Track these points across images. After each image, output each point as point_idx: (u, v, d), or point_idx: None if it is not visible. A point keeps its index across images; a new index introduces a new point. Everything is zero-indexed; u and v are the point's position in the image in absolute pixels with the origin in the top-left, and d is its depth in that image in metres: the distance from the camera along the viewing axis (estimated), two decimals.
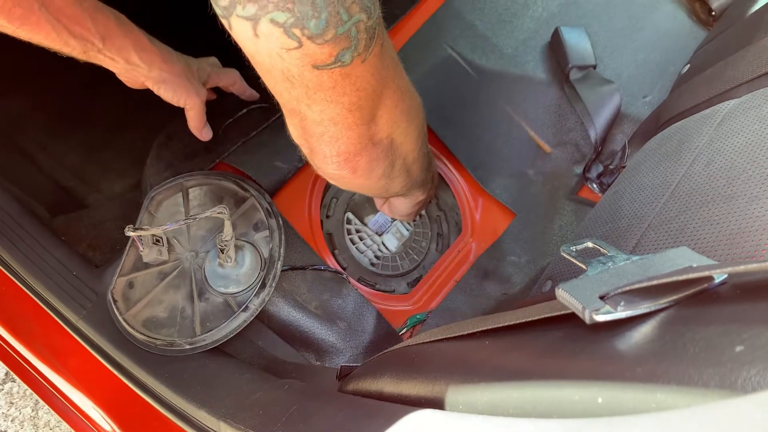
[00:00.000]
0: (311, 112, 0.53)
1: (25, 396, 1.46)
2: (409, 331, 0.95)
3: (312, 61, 0.45)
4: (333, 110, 0.53)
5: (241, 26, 0.43)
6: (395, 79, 0.58)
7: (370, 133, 0.59)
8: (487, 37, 1.13)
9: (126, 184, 1.04)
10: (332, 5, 0.42)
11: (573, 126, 1.08)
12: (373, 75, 0.52)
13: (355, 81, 0.50)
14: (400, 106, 0.61)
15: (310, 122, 0.55)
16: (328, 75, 0.48)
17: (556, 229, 1.01)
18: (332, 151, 0.58)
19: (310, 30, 0.43)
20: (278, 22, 0.42)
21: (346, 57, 0.47)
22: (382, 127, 0.60)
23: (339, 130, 0.56)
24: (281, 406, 0.62)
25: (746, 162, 0.62)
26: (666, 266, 0.40)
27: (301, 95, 0.50)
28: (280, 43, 0.44)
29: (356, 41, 0.46)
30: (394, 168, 0.68)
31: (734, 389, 0.27)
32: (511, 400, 0.38)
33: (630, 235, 0.69)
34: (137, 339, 0.80)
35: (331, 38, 0.44)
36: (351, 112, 0.54)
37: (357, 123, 0.56)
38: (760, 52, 0.78)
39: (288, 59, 0.45)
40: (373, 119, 0.58)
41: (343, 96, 0.51)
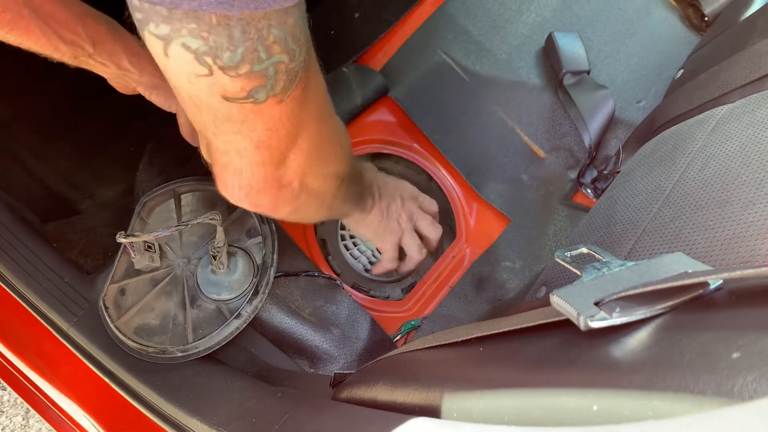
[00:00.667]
0: (217, 141, 0.51)
1: (16, 404, 1.45)
2: (404, 337, 0.95)
3: (222, 91, 0.43)
4: (239, 143, 0.50)
5: (153, 42, 0.41)
6: (317, 124, 0.56)
7: (277, 175, 0.56)
8: (481, 43, 1.13)
9: (118, 190, 1.03)
10: (250, 41, 0.41)
11: (567, 131, 1.08)
12: (289, 118, 0.50)
13: (267, 120, 0.48)
14: (317, 152, 0.58)
15: (214, 149, 0.53)
16: (239, 108, 0.46)
17: (550, 235, 1.01)
18: (234, 182, 0.56)
19: (223, 61, 0.41)
20: (190, 47, 0.40)
21: (260, 95, 0.45)
22: (294, 171, 0.57)
23: (244, 164, 0.53)
24: (274, 414, 0.62)
25: (740, 167, 0.62)
26: (661, 272, 0.39)
27: (207, 122, 0.48)
28: (189, 69, 0.42)
29: (273, 81, 0.44)
30: (308, 207, 0.65)
31: (731, 397, 0.27)
32: (506, 408, 0.38)
33: (625, 240, 0.69)
34: (129, 346, 0.79)
35: (245, 73, 0.42)
36: (258, 150, 0.51)
37: (264, 162, 0.53)
38: (753, 57, 0.79)
39: (197, 85, 0.43)
40: (283, 161, 0.55)
41: (252, 132, 0.49)
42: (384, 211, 0.91)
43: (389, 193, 0.92)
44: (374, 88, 1.06)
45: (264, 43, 0.41)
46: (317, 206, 0.67)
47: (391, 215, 0.92)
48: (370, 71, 1.07)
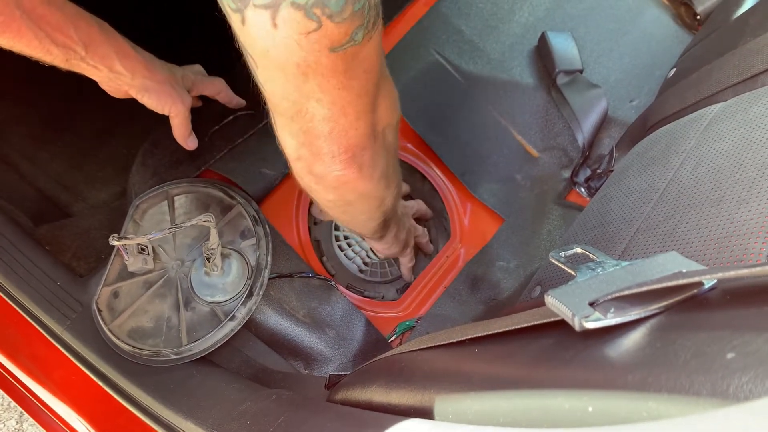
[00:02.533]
0: (321, 108, 0.52)
1: (10, 408, 1.44)
2: (399, 337, 0.95)
3: (329, 42, 0.45)
4: (345, 98, 0.52)
5: (258, 17, 0.43)
6: (385, 66, 0.58)
7: (373, 123, 0.58)
8: (474, 43, 1.13)
9: (111, 192, 1.03)
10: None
11: (560, 130, 1.08)
12: (378, 55, 0.52)
13: (363, 61, 0.50)
14: (392, 94, 0.61)
15: (318, 120, 0.54)
16: (342, 57, 0.47)
17: (544, 234, 1.01)
18: (340, 147, 0.57)
19: (331, 8, 0.42)
20: (299, 4, 0.41)
21: (359, 35, 0.46)
22: (381, 117, 0.60)
23: (349, 121, 0.55)
24: (269, 416, 0.62)
25: (733, 165, 0.62)
26: (655, 272, 0.39)
27: (313, 89, 0.50)
28: (300, 28, 0.43)
29: (368, 18, 0.46)
30: (389, 167, 0.67)
31: (726, 397, 0.27)
32: (501, 409, 0.38)
33: (619, 239, 0.69)
34: (123, 349, 0.78)
35: (349, 15, 0.44)
36: (360, 98, 0.53)
37: (365, 110, 0.55)
38: (745, 56, 0.79)
39: (306, 46, 0.45)
40: (376, 107, 0.57)
41: (354, 79, 0.51)
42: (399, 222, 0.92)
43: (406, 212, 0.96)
44: None
45: None
46: (394, 166, 0.69)
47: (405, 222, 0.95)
48: None
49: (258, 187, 0.94)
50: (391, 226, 0.86)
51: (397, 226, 0.89)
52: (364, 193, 0.67)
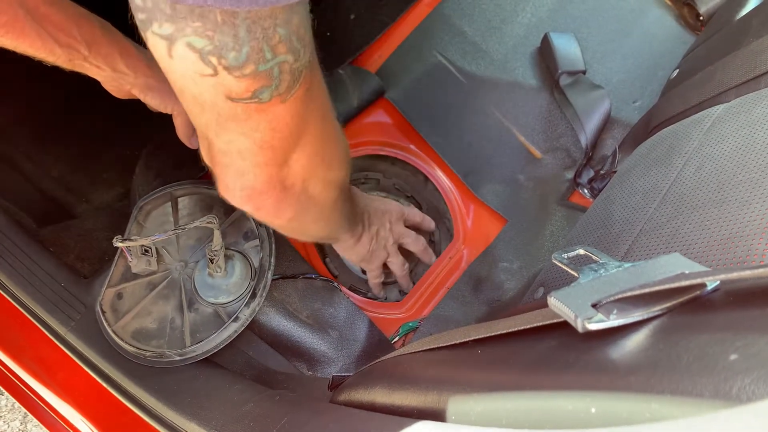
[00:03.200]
0: (219, 141, 0.50)
1: (14, 409, 1.45)
2: (402, 339, 0.95)
3: (226, 91, 0.43)
4: (243, 143, 0.50)
5: (156, 43, 0.41)
6: (320, 124, 0.55)
7: (280, 176, 0.56)
8: (477, 44, 1.13)
9: (115, 193, 1.03)
10: (256, 41, 0.40)
11: (563, 131, 1.08)
12: (292, 117, 0.49)
13: (271, 119, 0.48)
14: (320, 154, 0.58)
15: (216, 150, 0.52)
16: (243, 108, 0.45)
17: (547, 235, 1.01)
18: (236, 184, 0.55)
19: (228, 61, 0.41)
20: (195, 47, 0.40)
21: (265, 95, 0.44)
22: (297, 172, 0.57)
23: (246, 165, 0.53)
24: (272, 417, 0.62)
25: (736, 167, 0.62)
26: (658, 273, 0.39)
27: (210, 122, 0.48)
28: (194, 68, 0.41)
29: (278, 81, 0.44)
30: (308, 214, 0.64)
31: (729, 399, 0.27)
32: (503, 411, 0.38)
33: (622, 240, 0.69)
34: (126, 351, 0.79)
35: (250, 73, 0.42)
36: (262, 150, 0.51)
37: (267, 162, 0.53)
38: (748, 57, 0.79)
39: (201, 85, 0.43)
40: (285, 162, 0.55)
41: (256, 132, 0.48)
42: (373, 237, 0.91)
43: (378, 218, 0.92)
44: (370, 89, 1.06)
45: (269, 42, 0.41)
46: (317, 214, 0.66)
47: (380, 241, 0.93)
48: (366, 73, 1.07)
49: None
50: (343, 238, 0.86)
51: (353, 238, 0.87)
52: (272, 224, 0.66)
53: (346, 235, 0.85)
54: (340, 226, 0.79)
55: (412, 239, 0.98)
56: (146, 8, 0.39)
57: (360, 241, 0.89)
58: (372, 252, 0.92)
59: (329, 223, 0.73)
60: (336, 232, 0.81)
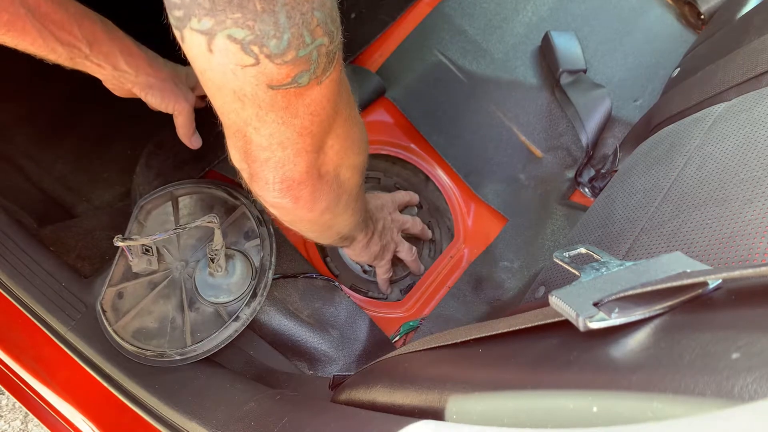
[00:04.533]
0: (258, 136, 0.50)
1: (15, 409, 1.45)
2: (403, 338, 0.95)
3: (268, 80, 0.44)
4: (283, 133, 0.50)
5: (195, 40, 0.41)
6: (347, 109, 0.56)
7: (318, 163, 0.56)
8: (478, 42, 1.13)
9: (115, 193, 1.03)
10: (296, 27, 0.41)
11: (564, 130, 1.08)
12: (328, 100, 0.50)
13: (309, 104, 0.48)
14: (350, 137, 0.59)
15: (255, 146, 0.52)
16: (283, 95, 0.46)
17: (548, 234, 1.01)
18: (276, 177, 0.55)
19: (270, 49, 0.41)
20: (236, 38, 0.40)
21: (304, 78, 0.45)
22: (331, 158, 0.58)
23: (287, 155, 0.53)
24: (273, 417, 0.62)
25: (738, 165, 0.62)
26: (660, 272, 0.39)
27: (250, 116, 0.48)
28: (236, 59, 0.42)
29: (316, 64, 0.45)
30: (339, 203, 0.65)
31: (731, 398, 0.27)
32: (505, 409, 0.38)
33: (623, 239, 0.68)
34: (127, 350, 0.79)
35: (291, 59, 0.42)
36: (302, 137, 0.51)
37: (306, 149, 0.53)
38: (749, 56, 0.78)
39: (242, 77, 0.43)
40: (322, 148, 0.56)
41: (296, 118, 0.49)
42: (380, 233, 0.91)
43: (379, 212, 0.93)
44: (371, 89, 1.06)
45: (308, 26, 0.41)
46: (345, 202, 0.67)
47: (386, 234, 0.93)
48: (366, 72, 1.07)
49: None
50: (358, 238, 0.85)
51: (367, 237, 0.87)
52: (305, 219, 0.66)
53: (361, 234, 0.85)
54: (360, 219, 0.79)
55: (411, 222, 0.99)
56: (183, 4, 0.39)
57: (372, 239, 0.89)
58: (383, 247, 0.92)
59: (355, 214, 0.73)
60: (357, 226, 0.80)
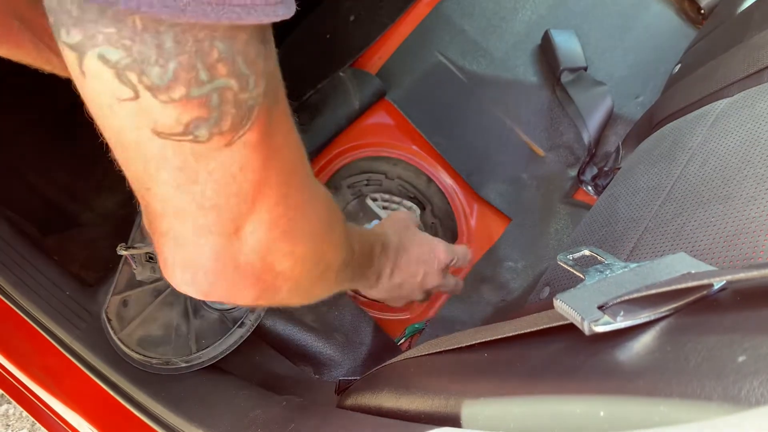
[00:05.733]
0: (152, 199, 0.39)
1: (22, 418, 1.45)
2: (408, 340, 0.95)
3: (152, 122, 0.33)
4: (178, 200, 0.38)
5: (67, 56, 0.33)
6: (283, 187, 0.42)
7: (231, 250, 0.42)
8: (477, 42, 1.13)
9: (118, 200, 1.03)
10: (186, 55, 0.32)
11: (566, 129, 1.08)
12: (242, 170, 0.38)
13: (212, 168, 0.37)
14: (284, 225, 0.44)
15: (152, 211, 0.41)
16: (174, 149, 0.35)
17: (552, 233, 1.01)
18: (176, 258, 0.42)
19: (151, 79, 0.32)
20: (109, 60, 0.31)
21: (202, 131, 0.34)
22: (252, 247, 0.42)
23: (186, 231, 0.40)
24: (280, 423, 0.62)
25: (741, 162, 0.62)
26: (664, 273, 0.39)
27: (139, 171, 0.37)
28: (110, 89, 0.32)
29: (219, 114, 0.34)
30: (278, 292, 0.49)
31: (738, 402, 0.27)
32: (512, 415, 0.38)
33: (627, 238, 0.68)
34: (132, 358, 0.79)
35: (180, 98, 0.33)
36: (203, 211, 0.39)
37: (211, 229, 0.40)
38: (750, 51, 0.78)
39: (121, 114, 0.34)
40: (237, 233, 0.41)
41: (194, 184, 0.37)
42: (394, 288, 0.77)
43: (409, 268, 0.77)
44: (371, 91, 1.06)
45: (205, 59, 0.32)
46: (292, 290, 0.50)
47: (403, 292, 0.79)
48: (366, 75, 1.07)
49: None
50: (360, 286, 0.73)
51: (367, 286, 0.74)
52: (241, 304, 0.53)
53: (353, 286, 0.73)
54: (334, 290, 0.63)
55: (449, 287, 0.84)
56: (52, 9, 0.31)
57: (375, 288, 0.76)
58: (391, 299, 0.80)
59: (312, 297, 0.58)
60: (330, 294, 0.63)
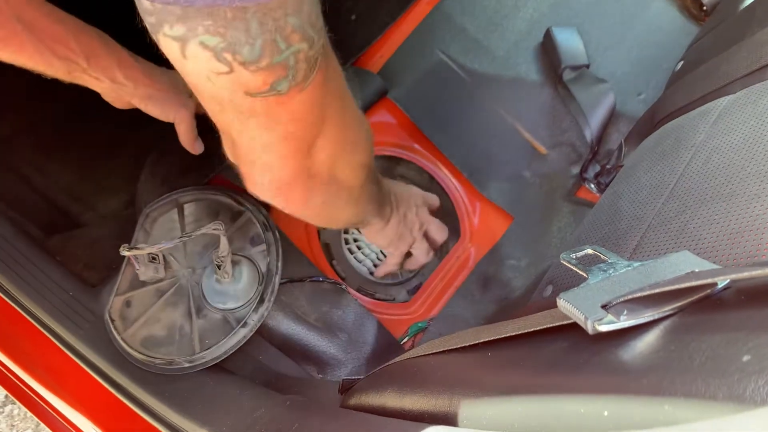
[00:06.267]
0: (242, 138, 0.50)
1: (26, 418, 1.45)
2: (411, 339, 0.94)
3: (244, 87, 0.42)
4: (266, 138, 0.49)
5: (169, 45, 0.41)
6: (340, 111, 0.55)
7: (306, 165, 0.55)
8: (479, 41, 1.12)
9: (121, 201, 1.03)
10: (269, 33, 0.39)
11: (568, 126, 1.08)
12: (313, 105, 0.49)
13: (291, 110, 0.47)
14: (343, 139, 0.58)
15: (241, 148, 0.52)
16: (262, 102, 0.45)
17: (555, 231, 1.01)
18: (263, 179, 0.55)
19: (243, 56, 0.40)
20: (208, 45, 0.39)
21: (283, 86, 0.43)
22: (323, 160, 0.56)
23: (272, 158, 0.52)
24: (283, 423, 0.62)
25: (744, 159, 0.61)
26: (668, 272, 0.39)
27: (231, 120, 0.48)
28: (209, 67, 0.40)
29: (294, 71, 0.43)
30: (338, 199, 0.64)
31: (743, 401, 0.26)
32: (515, 414, 0.38)
33: (630, 236, 0.68)
34: (136, 358, 0.79)
35: (266, 66, 0.41)
36: (286, 141, 0.50)
37: (291, 153, 0.53)
38: (753, 48, 0.78)
39: (218, 83, 0.42)
40: (309, 151, 0.54)
41: (278, 124, 0.48)
42: (401, 220, 0.90)
43: (405, 201, 0.92)
44: (373, 90, 1.06)
45: (282, 33, 0.40)
46: (347, 198, 0.66)
47: (407, 224, 0.92)
48: (368, 74, 1.07)
49: None
50: (372, 222, 0.85)
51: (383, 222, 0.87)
52: (304, 216, 0.66)
53: (376, 218, 0.84)
54: (370, 209, 0.79)
55: (436, 226, 0.97)
56: (155, 11, 0.39)
57: (389, 224, 0.88)
58: (400, 235, 0.91)
59: (359, 206, 0.73)
60: (366, 215, 0.80)
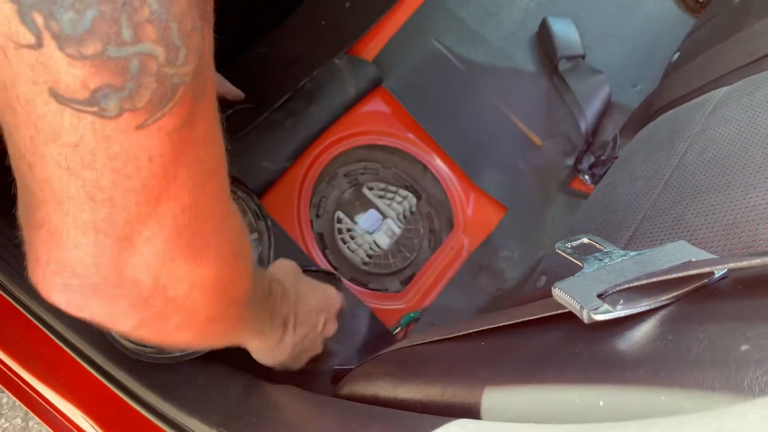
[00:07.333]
0: (33, 180, 0.31)
1: (15, 407, 1.45)
2: (404, 329, 0.94)
3: (52, 80, 0.27)
4: (65, 186, 0.31)
5: None
6: (195, 191, 0.35)
7: (119, 259, 0.34)
8: (475, 30, 1.12)
9: None
10: (111, 5, 0.26)
11: (563, 117, 1.07)
12: (151, 160, 0.31)
13: (115, 154, 0.30)
14: (188, 237, 0.36)
15: (29, 195, 0.33)
16: (73, 121, 0.28)
17: (548, 222, 1.01)
18: (48, 259, 0.34)
19: (61, 25, 0.26)
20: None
21: (111, 102, 0.28)
22: (145, 260, 0.35)
23: (67, 226, 0.32)
24: (276, 412, 0.61)
25: (740, 150, 0.61)
26: (664, 261, 0.39)
27: (23, 141, 0.30)
28: (7, 30, 0.26)
29: (134, 85, 0.28)
30: (164, 323, 0.41)
31: (741, 391, 0.26)
32: (509, 404, 0.37)
33: (624, 227, 0.68)
34: (126, 347, 0.78)
35: (93, 55, 0.27)
36: (92, 204, 0.31)
37: (97, 228, 0.32)
38: (749, 39, 0.78)
39: (15, 64, 0.27)
40: (130, 239, 0.34)
41: (88, 169, 0.30)
42: (298, 342, 0.69)
43: (310, 320, 0.71)
44: (367, 79, 1.05)
45: (132, 15, 0.27)
46: (179, 324, 0.42)
47: (306, 344, 0.71)
48: (362, 62, 1.06)
49: (259, 180, 0.93)
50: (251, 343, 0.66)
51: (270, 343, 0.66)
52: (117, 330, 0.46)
53: (255, 341, 0.65)
54: (237, 338, 0.59)
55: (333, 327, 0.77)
56: None
57: (279, 346, 0.67)
58: (294, 357, 0.72)
59: (207, 336, 0.50)
60: (227, 341, 0.57)
